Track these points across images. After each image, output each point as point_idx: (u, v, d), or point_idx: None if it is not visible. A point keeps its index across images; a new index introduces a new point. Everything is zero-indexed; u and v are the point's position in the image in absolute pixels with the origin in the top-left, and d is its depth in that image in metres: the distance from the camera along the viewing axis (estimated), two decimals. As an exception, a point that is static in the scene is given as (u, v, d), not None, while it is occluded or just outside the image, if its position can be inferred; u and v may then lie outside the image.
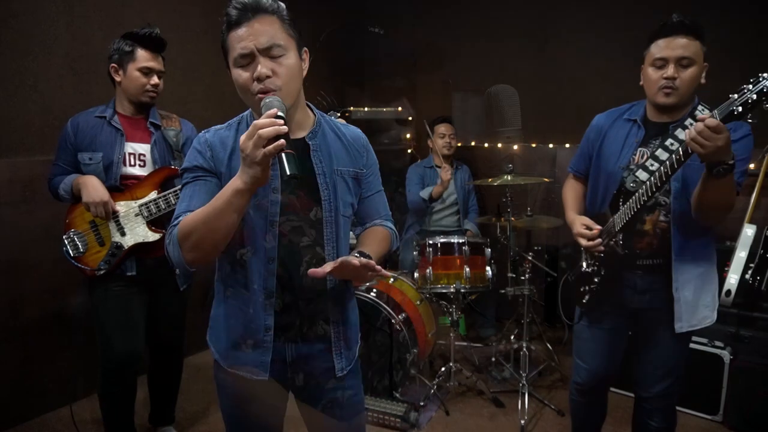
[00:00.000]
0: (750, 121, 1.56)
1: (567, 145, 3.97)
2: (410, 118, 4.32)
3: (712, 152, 1.44)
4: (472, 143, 4.31)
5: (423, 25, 4.56)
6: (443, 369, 3.00)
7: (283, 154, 1.07)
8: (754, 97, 1.38)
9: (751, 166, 3.26)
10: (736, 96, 1.41)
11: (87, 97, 2.76)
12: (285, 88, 1.22)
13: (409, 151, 4.44)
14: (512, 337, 3.36)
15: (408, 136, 4.39)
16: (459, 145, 3.94)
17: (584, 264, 1.98)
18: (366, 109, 4.16)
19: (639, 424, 2.04)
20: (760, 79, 1.37)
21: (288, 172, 1.06)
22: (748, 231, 2.93)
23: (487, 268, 3.06)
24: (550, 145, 4.05)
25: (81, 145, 2.16)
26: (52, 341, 2.79)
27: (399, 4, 4.65)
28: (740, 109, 1.40)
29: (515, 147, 4.19)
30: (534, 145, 4.15)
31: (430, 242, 3.04)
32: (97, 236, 2.15)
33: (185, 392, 2.90)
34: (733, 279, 2.80)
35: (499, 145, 4.27)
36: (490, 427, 2.75)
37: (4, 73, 2.58)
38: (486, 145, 4.33)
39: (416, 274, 3.09)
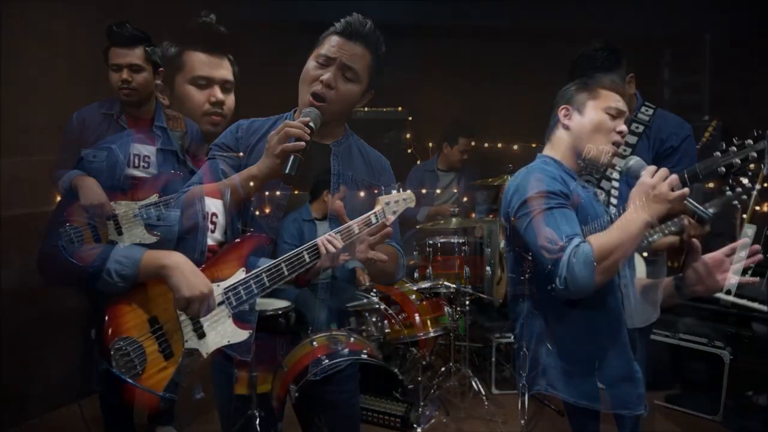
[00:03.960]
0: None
1: (567, 145, 3.96)
2: (410, 119, 4.32)
3: None
4: (473, 143, 4.31)
5: (423, 25, 4.55)
6: (443, 369, 3.00)
7: (292, 156, 1.23)
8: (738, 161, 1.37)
9: (752, 166, 3.25)
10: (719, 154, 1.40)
11: (87, 97, 2.76)
12: (334, 105, 1.36)
13: (409, 151, 4.43)
14: (512, 337, 3.36)
15: (408, 136, 4.38)
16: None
17: None
18: (366, 109, 4.16)
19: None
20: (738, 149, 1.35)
21: (285, 171, 1.22)
22: (748, 231, 2.92)
23: (487, 267, 3.06)
24: (550, 145, 4.04)
25: (86, 141, 2.14)
26: (53, 341, 2.79)
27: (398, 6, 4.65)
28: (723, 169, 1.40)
29: (515, 147, 4.19)
30: (534, 145, 4.13)
31: (430, 242, 3.04)
32: (94, 233, 2.14)
33: (185, 392, 2.90)
34: (733, 279, 2.79)
35: (499, 145, 4.27)
36: (490, 427, 2.75)
37: (4, 73, 2.58)
38: (486, 145, 4.32)
39: (416, 274, 3.09)
